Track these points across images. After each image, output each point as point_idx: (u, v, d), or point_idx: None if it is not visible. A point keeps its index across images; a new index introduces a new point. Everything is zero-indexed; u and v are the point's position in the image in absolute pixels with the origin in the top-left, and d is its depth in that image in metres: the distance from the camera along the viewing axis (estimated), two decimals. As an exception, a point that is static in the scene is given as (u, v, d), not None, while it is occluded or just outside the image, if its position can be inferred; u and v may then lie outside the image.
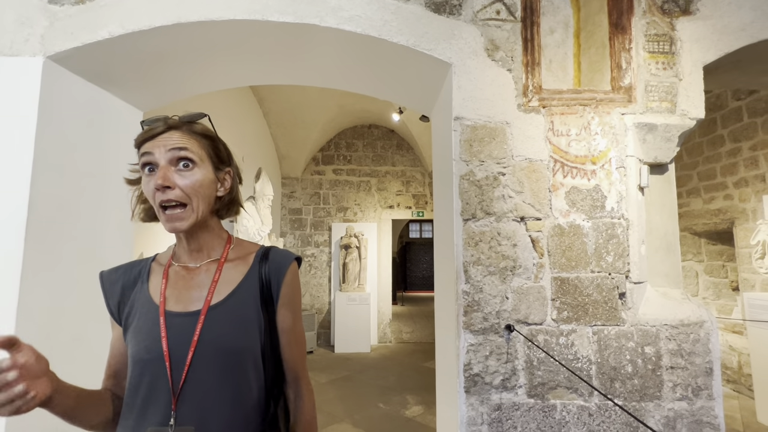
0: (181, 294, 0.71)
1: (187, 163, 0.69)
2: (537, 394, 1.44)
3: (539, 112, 1.56)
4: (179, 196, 0.68)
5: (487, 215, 1.51)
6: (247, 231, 3.56)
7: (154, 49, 1.60)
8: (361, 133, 6.20)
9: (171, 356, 0.65)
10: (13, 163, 1.41)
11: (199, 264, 0.75)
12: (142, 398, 0.66)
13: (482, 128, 1.54)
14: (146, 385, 0.66)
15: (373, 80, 1.93)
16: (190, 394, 0.65)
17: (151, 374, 0.65)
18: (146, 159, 0.68)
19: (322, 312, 5.85)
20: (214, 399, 0.65)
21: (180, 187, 0.68)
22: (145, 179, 0.69)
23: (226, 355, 0.67)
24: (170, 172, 0.67)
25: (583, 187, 1.53)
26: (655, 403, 1.44)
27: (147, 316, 0.69)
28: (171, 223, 0.68)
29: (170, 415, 0.63)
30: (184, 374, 0.65)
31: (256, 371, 0.69)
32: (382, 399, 3.64)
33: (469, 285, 1.47)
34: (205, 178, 0.71)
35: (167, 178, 0.66)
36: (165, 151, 0.67)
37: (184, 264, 0.75)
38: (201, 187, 0.70)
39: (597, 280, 1.49)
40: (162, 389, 0.65)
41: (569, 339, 1.47)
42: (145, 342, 0.67)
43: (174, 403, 0.64)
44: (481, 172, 1.53)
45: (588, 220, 1.52)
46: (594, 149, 1.54)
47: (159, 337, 0.66)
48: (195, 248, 0.75)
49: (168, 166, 0.67)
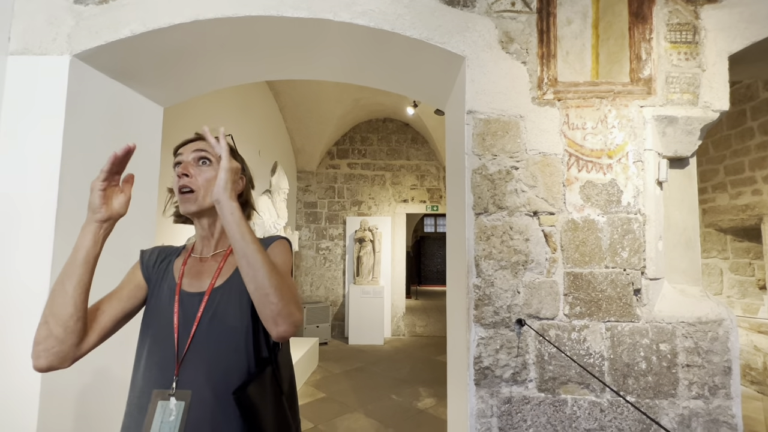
0: (194, 278, 0.84)
1: (205, 161, 0.85)
2: (548, 388, 1.44)
3: (554, 105, 1.53)
4: (192, 183, 0.83)
5: (499, 209, 1.50)
6: (263, 224, 3.64)
7: (173, 46, 1.65)
8: (376, 126, 6.20)
9: (179, 329, 0.77)
10: (43, 159, 1.48)
11: (210, 254, 0.87)
12: (152, 362, 0.76)
13: (495, 122, 1.53)
14: (156, 352, 0.77)
15: (387, 74, 1.93)
16: (192, 362, 0.75)
17: (163, 342, 0.77)
18: (178, 159, 0.86)
19: (336, 304, 5.93)
20: (210, 367, 0.75)
21: (195, 177, 0.84)
22: (175, 176, 0.85)
23: (223, 328, 0.77)
24: (191, 165, 0.84)
25: (598, 182, 1.50)
26: (669, 401, 1.42)
27: (167, 293, 0.82)
28: (182, 204, 0.83)
29: (173, 379, 0.73)
30: (188, 345, 0.76)
31: (246, 343, 0.78)
32: (395, 390, 3.69)
33: (481, 279, 1.48)
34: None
35: (187, 168, 0.84)
36: (190, 152, 0.86)
37: (199, 254, 0.89)
38: (212, 181, 0.84)
39: (611, 276, 1.47)
40: (169, 357, 0.75)
41: (581, 334, 1.46)
42: (162, 314, 0.79)
43: (177, 369, 0.74)
44: (493, 166, 1.52)
45: (603, 215, 1.49)
46: (610, 143, 1.51)
47: (172, 312, 0.79)
48: (206, 235, 0.88)
49: (191, 161, 0.85)
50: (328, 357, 4.74)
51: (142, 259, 0.88)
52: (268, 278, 0.67)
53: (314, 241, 6.00)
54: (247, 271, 0.68)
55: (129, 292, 0.82)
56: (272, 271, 0.68)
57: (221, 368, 0.75)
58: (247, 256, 0.68)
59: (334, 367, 4.40)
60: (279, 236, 0.90)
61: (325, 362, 4.53)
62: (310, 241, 5.99)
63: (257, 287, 0.67)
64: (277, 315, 0.67)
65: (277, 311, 0.67)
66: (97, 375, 1.56)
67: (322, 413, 3.16)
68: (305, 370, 3.98)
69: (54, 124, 1.50)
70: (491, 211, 1.50)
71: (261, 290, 0.67)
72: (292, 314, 0.68)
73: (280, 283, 0.69)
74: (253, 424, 0.72)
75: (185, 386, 0.73)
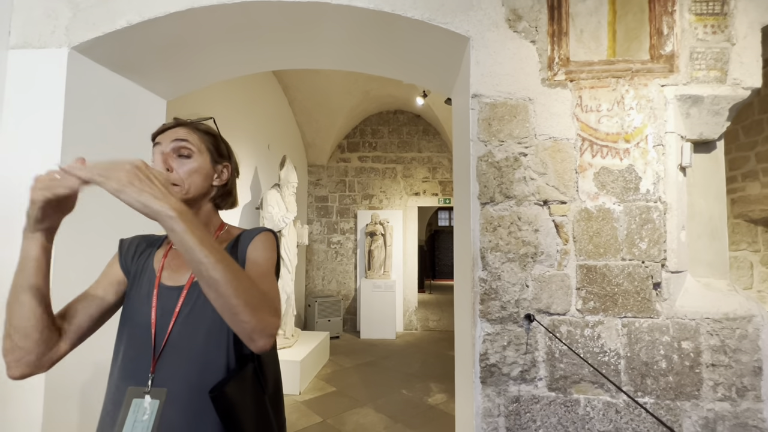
0: (174, 270, 0.79)
1: (184, 152, 0.79)
2: (559, 387, 1.36)
3: (566, 87, 1.43)
4: (176, 179, 0.78)
5: (506, 199, 1.42)
6: (272, 218, 3.63)
7: (171, 36, 1.62)
8: (387, 119, 6.12)
9: (157, 324, 0.73)
10: (44, 153, 1.48)
11: None
12: (129, 358, 0.72)
13: (502, 106, 1.44)
14: (133, 347, 0.73)
15: (389, 60, 1.86)
16: (168, 359, 0.71)
17: (140, 337, 0.73)
18: (156, 148, 0.80)
19: (348, 299, 5.92)
20: (187, 364, 0.71)
21: (176, 170, 0.78)
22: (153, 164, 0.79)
23: (202, 324, 0.73)
24: (170, 158, 0.78)
25: (614, 168, 1.40)
26: (692, 403, 1.32)
27: (146, 286, 0.78)
28: None
29: (148, 377, 0.70)
30: (164, 341, 0.72)
31: (227, 339, 0.73)
32: (406, 385, 3.65)
33: (487, 272, 1.40)
34: (201, 167, 0.80)
35: (167, 161, 0.78)
36: (169, 141, 0.79)
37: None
38: (192, 173, 0.79)
39: (628, 269, 1.37)
40: (145, 353, 0.71)
41: (595, 331, 1.37)
42: (140, 308, 0.75)
43: (153, 366, 0.70)
44: (500, 152, 1.43)
45: (619, 203, 1.39)
46: (628, 126, 1.40)
47: (151, 306, 0.74)
48: None
49: (170, 153, 0.79)
50: (339, 351, 4.73)
51: (120, 251, 0.84)
52: (234, 296, 0.57)
53: (325, 235, 5.99)
54: (208, 292, 0.58)
55: (106, 287, 0.78)
56: (238, 285, 0.58)
57: (199, 366, 0.71)
58: (203, 274, 0.57)
59: (345, 361, 4.40)
60: (263, 228, 0.84)
61: (336, 356, 4.53)
62: (322, 235, 5.99)
63: (223, 309, 0.58)
64: (252, 332, 0.59)
65: (251, 329, 0.59)
66: (99, 368, 1.56)
67: (331, 407, 3.15)
68: (316, 364, 3.98)
69: (54, 119, 1.50)
70: (498, 200, 1.42)
71: (229, 311, 0.58)
72: (267, 326, 0.61)
73: (251, 295, 0.60)
74: (230, 426, 0.68)
75: (161, 384, 0.69)
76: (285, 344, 3.71)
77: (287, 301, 3.80)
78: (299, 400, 3.26)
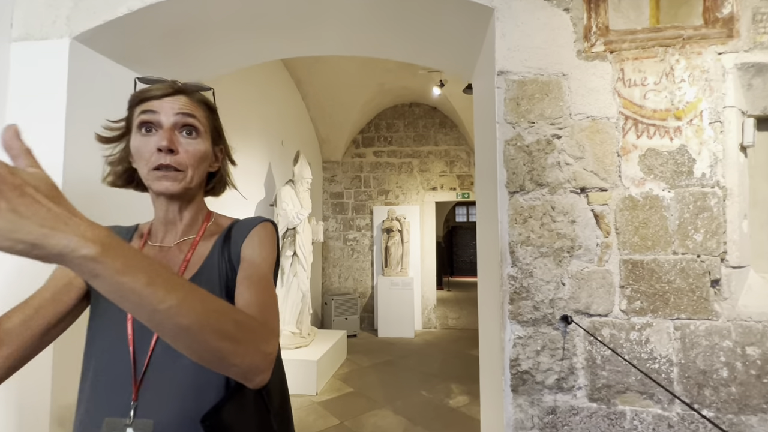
0: None
1: (191, 131, 0.65)
2: (601, 397, 1.21)
3: (605, 59, 1.27)
4: (180, 163, 0.63)
5: (538, 186, 1.27)
6: (287, 214, 3.56)
7: (173, 24, 1.54)
8: (402, 112, 5.97)
9: (135, 341, 0.59)
10: (46, 145, 1.43)
11: (174, 242, 0.68)
12: (102, 384, 0.58)
13: (532, 83, 1.29)
14: (107, 370, 0.59)
15: (404, 41, 1.72)
16: (153, 383, 0.58)
17: (115, 358, 0.59)
18: (148, 117, 0.62)
19: (365, 296, 5.83)
20: (176, 388, 0.57)
21: (183, 153, 0.64)
22: (141, 139, 0.63)
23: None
24: (175, 136, 0.63)
25: (663, 149, 1.23)
26: (760, 417, 1.15)
27: None
28: (162, 183, 0.63)
29: (130, 405, 0.56)
30: (147, 361, 0.58)
31: None
32: (425, 386, 3.53)
33: (517, 269, 1.26)
34: (207, 151, 0.67)
35: (173, 141, 0.62)
36: (172, 114, 0.63)
37: (159, 243, 0.69)
38: (200, 159, 0.66)
39: (681, 264, 1.20)
40: (124, 376, 0.58)
41: (643, 334, 1.21)
42: (112, 321, 0.61)
43: (135, 392, 0.57)
44: (530, 135, 1.28)
45: (670, 189, 1.22)
46: (679, 101, 1.23)
47: (125, 318, 0.61)
48: (173, 219, 0.68)
49: (173, 129, 0.63)
50: (356, 350, 4.65)
51: None
52: (217, 338, 0.42)
53: (341, 232, 5.91)
54: (177, 344, 0.41)
55: (56, 294, 0.61)
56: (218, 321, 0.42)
57: (192, 389, 0.57)
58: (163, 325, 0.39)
59: (362, 360, 4.30)
60: (260, 219, 0.70)
61: (354, 355, 4.44)
62: (337, 232, 5.91)
63: (203, 356, 0.43)
64: (247, 372, 0.46)
65: (245, 368, 0.45)
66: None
67: (348, 409, 3.06)
68: (333, 363, 3.90)
69: (56, 111, 1.45)
70: (528, 188, 1.27)
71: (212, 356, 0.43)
72: (265, 359, 0.47)
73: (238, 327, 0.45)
74: None
75: (146, 414, 0.56)
76: (301, 343, 3.64)
77: (303, 299, 3.73)
78: (316, 401, 3.18)
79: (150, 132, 0.63)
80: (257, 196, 3.78)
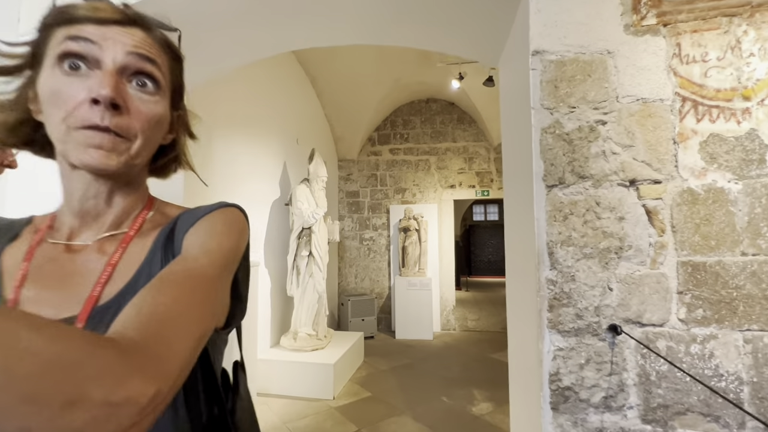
0: (52, 288, 0.43)
1: (147, 83, 0.44)
2: (656, 419, 1.06)
3: (658, 33, 1.11)
4: (124, 128, 0.42)
5: (580, 179, 1.13)
6: (302, 214, 3.48)
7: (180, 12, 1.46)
8: (419, 108, 5.82)
9: None
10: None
11: (94, 238, 0.46)
12: None
13: (572, 63, 1.15)
14: None
15: (425, 26, 1.60)
16: None
17: None
18: (79, 48, 0.40)
19: (382, 297, 5.72)
20: None
21: (132, 113, 0.42)
22: (62, 79, 0.40)
23: None
24: (125, 86, 0.42)
25: (728, 135, 1.07)
26: None
27: None
28: (90, 153, 0.41)
29: None
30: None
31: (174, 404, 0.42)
32: (446, 392, 3.39)
33: (556, 272, 1.12)
34: (164, 115, 0.46)
35: (120, 92, 0.41)
36: (123, 51, 0.41)
37: (65, 240, 0.46)
38: (155, 125, 0.45)
39: (752, 266, 1.04)
40: None
41: (706, 347, 1.05)
42: None
43: None
44: (571, 122, 1.14)
45: (737, 181, 1.06)
46: (747, 78, 1.07)
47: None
48: (95, 207, 0.46)
49: (119, 75, 0.41)
50: (374, 352, 4.54)
51: None
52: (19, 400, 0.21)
53: (357, 232, 5.81)
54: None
55: None
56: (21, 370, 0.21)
57: None
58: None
59: (380, 362, 4.19)
60: (220, 204, 0.49)
61: (371, 357, 4.33)
62: (354, 232, 5.82)
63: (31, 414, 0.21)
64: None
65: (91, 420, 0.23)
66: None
67: (366, 415, 2.95)
68: (350, 366, 3.81)
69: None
70: (569, 181, 1.13)
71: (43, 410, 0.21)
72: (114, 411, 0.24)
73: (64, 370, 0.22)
74: None
75: None
76: (318, 345, 3.56)
77: (319, 300, 3.65)
78: (333, 406, 3.09)
79: (77, 70, 0.40)
80: (272, 195, 3.71)
